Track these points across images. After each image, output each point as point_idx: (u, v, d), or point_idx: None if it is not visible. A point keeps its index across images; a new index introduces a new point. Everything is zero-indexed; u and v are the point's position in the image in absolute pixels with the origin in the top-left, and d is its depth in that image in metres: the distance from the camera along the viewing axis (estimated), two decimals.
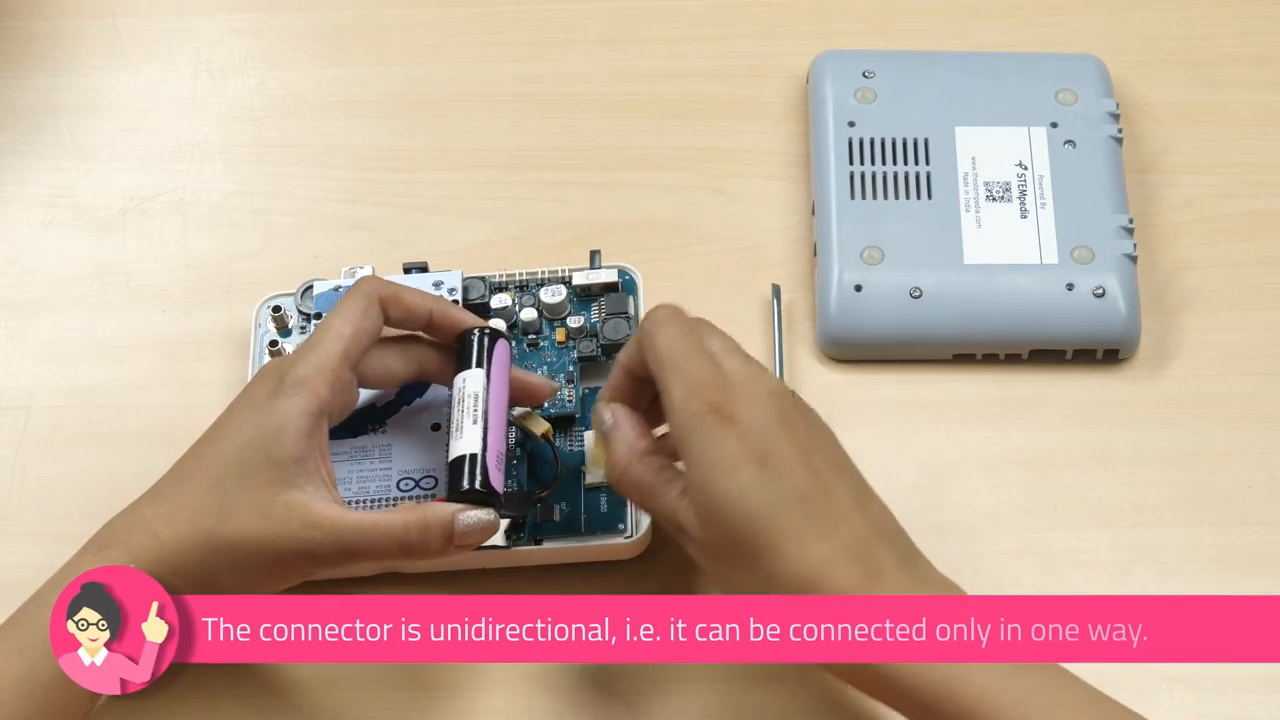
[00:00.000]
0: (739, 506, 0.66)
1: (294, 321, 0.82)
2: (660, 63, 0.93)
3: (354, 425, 0.77)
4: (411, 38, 0.95)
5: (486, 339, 0.75)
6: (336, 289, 0.81)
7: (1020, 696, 0.64)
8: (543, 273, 0.83)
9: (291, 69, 0.94)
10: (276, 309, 0.82)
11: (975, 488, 0.80)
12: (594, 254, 0.83)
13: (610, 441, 0.71)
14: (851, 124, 0.87)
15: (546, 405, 0.79)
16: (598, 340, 0.81)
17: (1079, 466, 0.81)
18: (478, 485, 0.72)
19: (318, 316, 0.81)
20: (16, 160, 0.91)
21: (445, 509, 0.71)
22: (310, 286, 0.82)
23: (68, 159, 0.91)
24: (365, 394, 0.77)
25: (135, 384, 0.84)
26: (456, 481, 0.72)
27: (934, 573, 0.68)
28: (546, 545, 0.76)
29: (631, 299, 0.82)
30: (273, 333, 0.82)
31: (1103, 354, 0.83)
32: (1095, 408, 0.82)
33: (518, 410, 0.77)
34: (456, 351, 0.75)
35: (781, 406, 0.68)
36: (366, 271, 0.81)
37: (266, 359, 0.81)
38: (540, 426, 0.78)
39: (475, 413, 0.73)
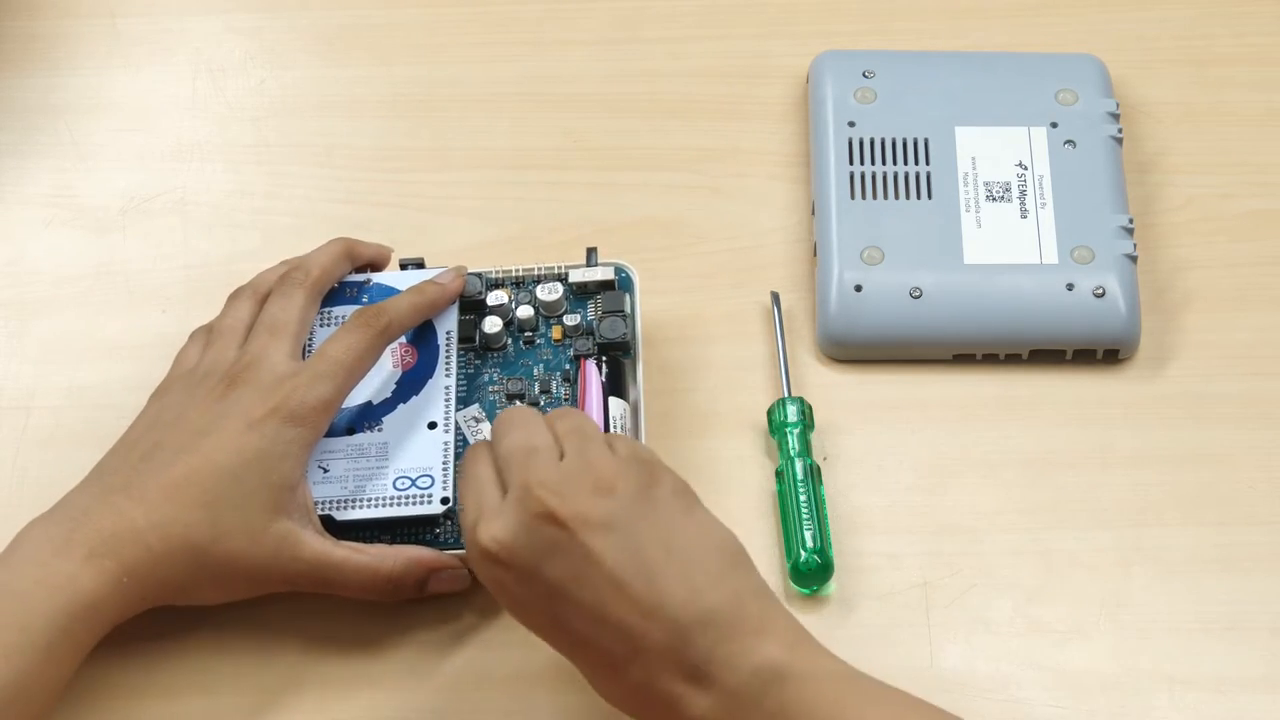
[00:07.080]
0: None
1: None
2: (660, 63, 0.93)
3: (350, 423, 0.77)
4: (411, 38, 0.95)
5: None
6: None
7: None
8: (539, 269, 0.83)
9: (291, 69, 0.94)
10: None
11: (975, 488, 0.80)
12: (590, 251, 0.83)
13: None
14: (851, 124, 0.87)
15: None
16: (594, 338, 0.81)
17: (1079, 466, 0.81)
18: None
19: None
20: (16, 160, 0.91)
21: (423, 564, 0.74)
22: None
23: (68, 159, 0.91)
24: (362, 393, 0.77)
25: (135, 384, 0.84)
26: None
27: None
28: None
29: (628, 296, 0.81)
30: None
31: (1103, 354, 0.83)
32: (1095, 408, 0.82)
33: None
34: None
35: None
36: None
37: None
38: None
39: None
